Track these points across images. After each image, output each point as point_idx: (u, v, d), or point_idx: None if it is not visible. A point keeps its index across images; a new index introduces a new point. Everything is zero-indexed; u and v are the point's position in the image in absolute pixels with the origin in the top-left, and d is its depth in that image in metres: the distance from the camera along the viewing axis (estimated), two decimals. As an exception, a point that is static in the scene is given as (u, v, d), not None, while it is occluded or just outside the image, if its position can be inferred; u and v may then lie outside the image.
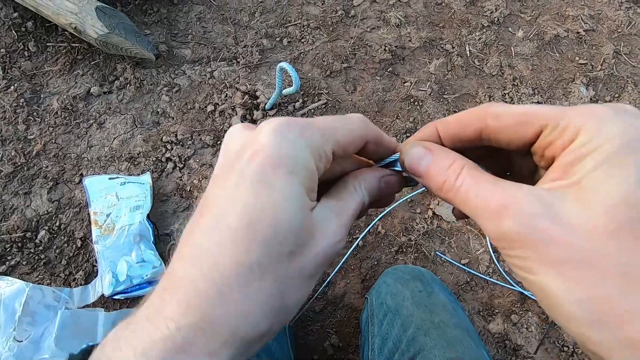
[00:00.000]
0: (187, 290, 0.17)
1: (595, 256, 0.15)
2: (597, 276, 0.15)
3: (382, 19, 1.03)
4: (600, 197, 0.16)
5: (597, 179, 0.16)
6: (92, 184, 0.76)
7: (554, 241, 0.16)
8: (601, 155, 0.16)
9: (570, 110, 0.18)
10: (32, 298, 0.65)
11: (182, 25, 0.97)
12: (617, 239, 0.15)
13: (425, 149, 0.22)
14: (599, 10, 1.10)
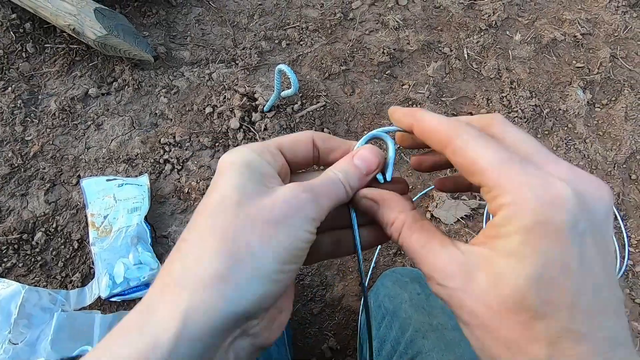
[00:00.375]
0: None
1: (489, 325, 0.20)
2: (489, 339, 0.20)
3: (380, 22, 1.03)
4: (501, 280, 0.19)
5: (502, 263, 0.19)
6: (89, 185, 0.75)
7: (463, 307, 0.20)
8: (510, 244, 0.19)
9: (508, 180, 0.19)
10: (28, 300, 0.64)
11: (181, 27, 0.97)
12: (505, 317, 0.19)
13: (372, 201, 0.25)
14: (595, 14, 1.11)
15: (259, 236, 0.20)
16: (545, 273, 0.18)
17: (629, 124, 0.99)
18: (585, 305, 0.18)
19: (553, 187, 0.19)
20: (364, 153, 0.25)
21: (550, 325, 0.18)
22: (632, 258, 0.86)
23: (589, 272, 0.18)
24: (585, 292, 0.18)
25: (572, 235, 0.18)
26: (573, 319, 0.18)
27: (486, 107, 0.97)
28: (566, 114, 0.99)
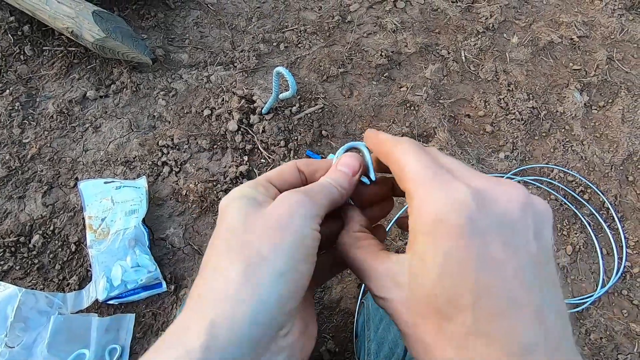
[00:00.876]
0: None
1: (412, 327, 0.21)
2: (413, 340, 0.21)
3: (378, 25, 1.03)
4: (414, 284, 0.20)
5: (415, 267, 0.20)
6: (87, 188, 0.75)
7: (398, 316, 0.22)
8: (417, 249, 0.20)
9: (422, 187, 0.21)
10: (25, 303, 0.64)
11: (179, 29, 0.97)
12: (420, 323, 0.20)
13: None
14: (592, 17, 1.11)
15: (267, 242, 0.21)
16: (446, 272, 0.18)
17: (625, 126, 0.99)
18: (490, 306, 0.18)
19: (453, 191, 0.20)
20: (344, 159, 0.28)
21: (456, 326, 0.18)
22: (629, 259, 0.86)
23: (493, 271, 0.18)
24: (489, 292, 0.18)
25: (471, 234, 0.18)
26: (476, 319, 0.18)
27: (484, 109, 0.98)
28: (563, 116, 0.99)
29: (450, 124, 0.95)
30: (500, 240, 0.19)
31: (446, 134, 0.92)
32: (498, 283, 0.18)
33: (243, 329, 0.19)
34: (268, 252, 0.21)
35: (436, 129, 0.93)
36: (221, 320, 0.19)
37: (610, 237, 0.87)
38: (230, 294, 0.20)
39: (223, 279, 0.21)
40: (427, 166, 0.21)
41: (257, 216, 0.22)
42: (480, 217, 0.19)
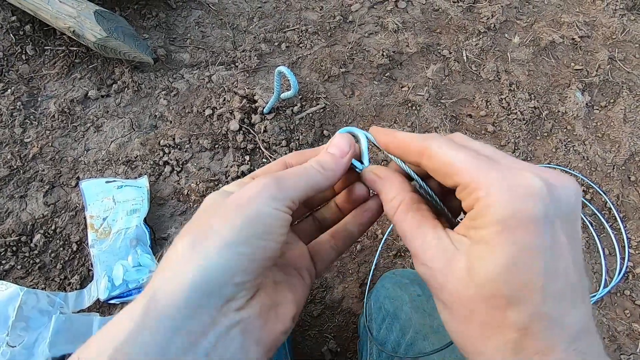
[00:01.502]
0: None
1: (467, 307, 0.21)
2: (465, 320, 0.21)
3: (379, 25, 1.03)
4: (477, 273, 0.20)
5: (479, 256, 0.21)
6: (88, 187, 0.75)
7: (443, 288, 0.22)
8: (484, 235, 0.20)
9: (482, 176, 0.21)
10: (26, 303, 0.64)
11: (181, 29, 0.97)
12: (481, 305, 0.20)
13: (376, 176, 0.27)
14: (593, 17, 1.11)
15: (221, 217, 0.22)
16: (518, 260, 0.19)
17: (627, 126, 0.99)
18: (556, 290, 0.19)
19: (525, 179, 0.20)
20: (334, 140, 0.28)
21: (521, 310, 0.19)
22: (632, 260, 0.86)
23: (559, 257, 0.19)
24: (556, 277, 0.19)
25: (544, 224, 0.19)
26: (544, 302, 0.19)
27: (485, 109, 0.97)
28: (565, 116, 0.99)
29: (451, 124, 0.95)
30: (565, 227, 0.20)
31: (448, 134, 0.91)
32: (562, 269, 0.19)
33: (182, 293, 0.19)
34: (217, 226, 0.21)
35: (438, 129, 0.93)
36: (163, 285, 0.20)
37: (612, 237, 0.87)
38: (175, 262, 0.21)
39: (173, 252, 0.22)
40: (475, 157, 0.21)
41: (222, 200, 0.23)
42: (552, 206, 0.19)
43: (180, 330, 0.19)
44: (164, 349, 0.19)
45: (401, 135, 0.26)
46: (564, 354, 0.19)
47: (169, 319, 0.19)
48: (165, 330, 0.19)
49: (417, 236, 0.23)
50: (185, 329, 0.19)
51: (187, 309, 0.19)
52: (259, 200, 0.22)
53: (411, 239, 0.24)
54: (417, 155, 0.24)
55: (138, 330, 0.18)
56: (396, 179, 0.26)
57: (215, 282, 0.20)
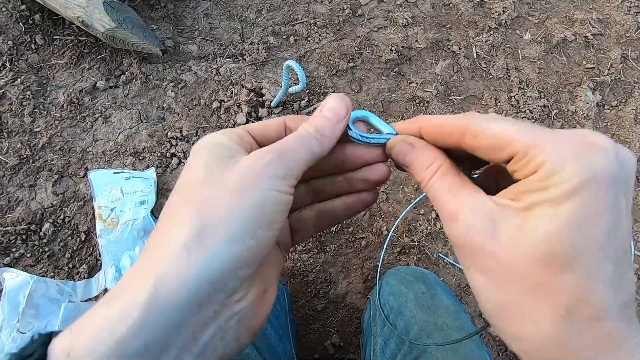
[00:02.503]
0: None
1: (516, 271, 0.19)
2: (512, 286, 0.20)
3: (389, 19, 1.02)
4: (534, 230, 0.19)
5: (538, 213, 0.19)
6: (96, 178, 0.76)
7: (485, 254, 0.20)
8: (547, 196, 0.19)
9: (543, 139, 0.19)
10: (36, 291, 0.65)
11: (189, 21, 0.97)
12: (536, 264, 0.19)
13: (409, 145, 0.25)
14: (607, 14, 1.09)
15: (224, 204, 0.20)
16: (583, 219, 0.18)
17: (638, 127, 0.98)
18: (614, 253, 0.19)
19: (594, 139, 0.19)
20: (329, 103, 0.25)
21: (578, 271, 0.18)
22: (638, 262, 0.85)
23: (620, 220, 0.19)
24: (615, 240, 0.19)
25: (613, 184, 0.18)
26: (602, 265, 0.18)
27: (494, 106, 0.97)
28: (575, 115, 0.98)
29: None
30: (625, 191, 0.19)
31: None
32: (620, 233, 0.19)
33: (187, 291, 0.18)
34: (224, 215, 0.20)
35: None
36: (167, 279, 0.18)
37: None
38: (180, 253, 0.19)
39: (176, 236, 0.20)
40: (528, 125, 0.20)
41: (220, 172, 0.21)
42: (619, 167, 0.19)
43: (184, 326, 0.19)
44: (166, 345, 0.18)
45: (435, 119, 0.24)
46: (615, 321, 0.18)
47: (173, 316, 0.18)
48: (168, 327, 0.18)
49: (458, 197, 0.22)
50: (188, 324, 0.19)
51: (192, 306, 0.19)
52: (263, 183, 0.21)
53: (449, 200, 0.22)
54: (458, 135, 0.22)
55: (140, 326, 0.18)
56: (432, 147, 0.25)
57: (221, 279, 0.19)
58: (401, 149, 0.25)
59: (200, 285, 0.19)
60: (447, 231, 0.22)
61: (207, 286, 0.19)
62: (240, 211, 0.20)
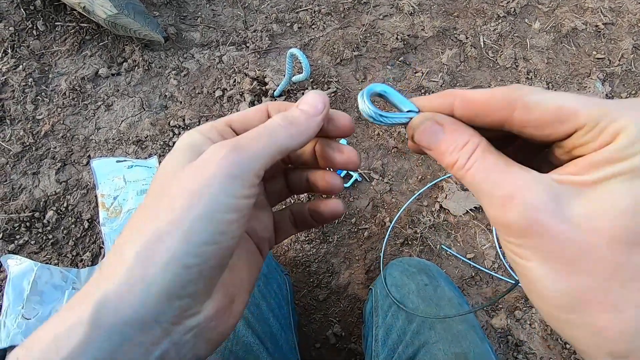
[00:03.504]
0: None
1: (592, 253, 0.16)
2: (586, 271, 0.17)
3: (395, 7, 1.00)
4: (612, 203, 0.16)
5: (616, 185, 0.16)
6: (99, 166, 0.76)
7: (552, 235, 0.17)
8: (630, 164, 0.16)
9: (614, 108, 0.17)
10: (41, 277, 0.66)
11: (192, 7, 0.95)
12: (617, 242, 0.16)
13: (437, 124, 0.22)
14: (619, 3, 1.06)
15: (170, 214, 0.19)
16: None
17: (647, 119, 0.96)
18: None
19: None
20: (306, 98, 0.23)
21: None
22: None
23: None
24: None
25: None
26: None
27: (501, 97, 0.95)
28: (583, 106, 0.96)
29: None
30: None
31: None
32: None
33: (130, 312, 0.18)
34: (168, 229, 0.18)
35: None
36: (111, 299, 0.18)
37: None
38: (122, 274, 0.18)
39: (121, 255, 0.19)
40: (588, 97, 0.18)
41: (175, 179, 0.20)
42: None
43: (132, 343, 0.18)
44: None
45: (474, 93, 0.21)
46: None
47: (117, 334, 0.18)
48: (114, 345, 0.18)
49: (510, 174, 0.19)
50: (137, 342, 0.18)
51: (136, 326, 0.18)
52: (212, 187, 0.18)
53: (500, 179, 0.19)
54: (505, 110, 0.19)
55: (86, 343, 0.17)
56: (466, 126, 0.21)
57: (161, 302, 0.18)
58: (429, 129, 0.22)
59: (140, 308, 0.18)
60: (501, 217, 0.18)
61: (148, 310, 0.18)
62: (184, 225, 0.18)
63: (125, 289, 0.18)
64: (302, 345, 0.73)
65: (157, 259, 0.18)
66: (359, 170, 0.85)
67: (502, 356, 0.74)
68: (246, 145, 0.20)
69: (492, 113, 0.20)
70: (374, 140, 0.88)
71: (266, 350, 0.45)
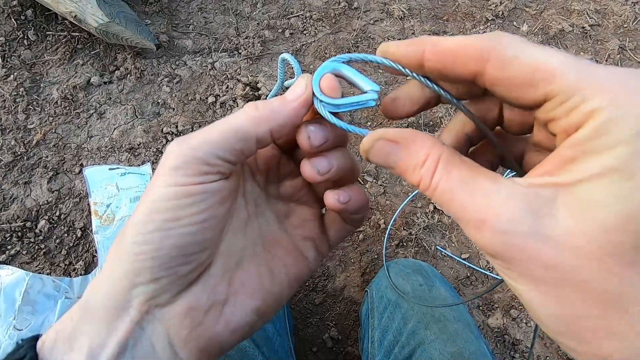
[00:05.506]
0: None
1: (577, 277, 0.14)
2: (575, 296, 0.15)
3: (385, 12, 1.01)
4: (595, 213, 0.14)
5: (598, 188, 0.14)
6: (92, 174, 0.75)
7: (532, 258, 0.15)
8: (611, 159, 0.13)
9: (595, 79, 0.14)
10: (32, 287, 0.65)
11: (184, 15, 0.96)
12: (603, 263, 0.14)
13: (391, 142, 0.19)
14: (604, 5, 1.09)
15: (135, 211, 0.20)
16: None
17: (636, 117, 0.98)
18: None
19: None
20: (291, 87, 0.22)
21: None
22: None
23: None
24: None
25: None
26: None
27: (491, 99, 0.96)
28: (572, 106, 0.97)
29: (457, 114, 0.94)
30: None
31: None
32: None
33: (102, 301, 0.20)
34: (126, 225, 0.20)
35: (442, 118, 0.92)
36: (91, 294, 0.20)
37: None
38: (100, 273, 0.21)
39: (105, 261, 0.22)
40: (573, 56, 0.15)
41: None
42: None
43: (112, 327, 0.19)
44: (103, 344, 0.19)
45: (447, 41, 0.18)
46: None
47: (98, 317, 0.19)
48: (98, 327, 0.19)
49: (476, 193, 0.16)
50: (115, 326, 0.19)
51: (109, 313, 0.19)
52: (157, 179, 0.20)
53: (466, 201, 0.16)
54: (477, 62, 0.17)
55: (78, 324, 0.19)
56: (423, 136, 0.19)
57: (123, 287, 0.19)
58: (382, 150, 0.19)
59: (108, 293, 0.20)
60: (475, 240, 0.17)
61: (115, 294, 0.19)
62: (134, 219, 0.20)
63: (100, 282, 0.20)
64: (299, 349, 0.72)
65: (118, 250, 0.20)
66: (353, 173, 0.85)
67: (499, 356, 0.74)
68: (193, 137, 0.20)
69: (463, 64, 0.17)
70: (367, 143, 0.88)
71: (262, 355, 0.45)
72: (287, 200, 0.26)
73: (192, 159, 0.19)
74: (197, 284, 0.21)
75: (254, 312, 0.22)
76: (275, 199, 0.26)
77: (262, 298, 0.22)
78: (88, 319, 0.20)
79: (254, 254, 0.23)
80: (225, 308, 0.21)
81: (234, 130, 0.20)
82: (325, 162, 0.22)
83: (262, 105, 0.21)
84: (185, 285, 0.20)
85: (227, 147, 0.20)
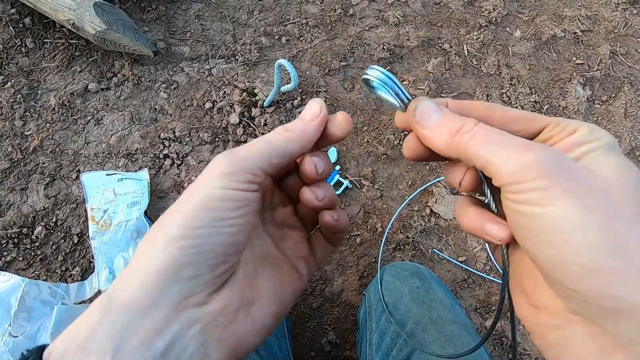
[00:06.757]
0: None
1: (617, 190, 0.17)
2: (617, 207, 0.17)
3: (380, 18, 1.03)
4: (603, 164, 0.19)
5: (595, 158, 0.19)
6: (89, 180, 0.75)
7: (576, 175, 0.18)
8: (596, 144, 0.20)
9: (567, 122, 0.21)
10: (28, 293, 0.64)
11: (181, 22, 0.97)
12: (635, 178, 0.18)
13: (439, 105, 0.24)
14: (595, 11, 1.11)
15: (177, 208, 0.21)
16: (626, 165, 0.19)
17: (628, 121, 0.99)
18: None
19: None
20: (306, 107, 0.26)
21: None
22: None
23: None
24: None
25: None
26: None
27: (486, 103, 0.97)
28: (566, 110, 0.99)
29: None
30: None
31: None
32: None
33: (133, 293, 0.19)
34: (167, 219, 0.21)
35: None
36: (119, 286, 0.20)
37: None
38: (131, 262, 0.21)
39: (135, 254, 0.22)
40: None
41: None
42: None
43: (135, 328, 0.19)
44: (119, 347, 0.18)
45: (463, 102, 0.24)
46: None
47: (123, 318, 0.19)
48: (120, 329, 0.19)
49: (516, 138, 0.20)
50: (140, 327, 0.19)
51: (139, 309, 0.19)
52: (207, 182, 0.21)
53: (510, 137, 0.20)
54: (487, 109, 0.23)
55: (96, 329, 0.19)
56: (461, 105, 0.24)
57: (160, 283, 0.19)
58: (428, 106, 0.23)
59: (139, 290, 0.19)
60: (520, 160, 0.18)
61: (147, 291, 0.19)
62: (181, 212, 0.20)
63: (130, 275, 0.20)
64: (297, 354, 0.72)
65: (156, 241, 0.20)
66: (350, 178, 0.85)
67: (498, 358, 0.74)
68: (240, 150, 0.23)
69: (476, 110, 0.23)
70: (364, 148, 0.89)
71: (260, 358, 0.45)
72: (279, 225, 0.29)
73: (241, 168, 0.22)
74: (227, 286, 0.22)
75: (273, 316, 0.24)
76: (269, 224, 0.28)
77: (279, 304, 0.24)
78: (109, 319, 0.19)
79: (265, 265, 0.26)
80: (252, 309, 0.23)
81: (274, 147, 0.23)
82: (321, 191, 0.26)
83: (291, 126, 0.25)
84: (218, 285, 0.21)
85: (268, 161, 0.23)
